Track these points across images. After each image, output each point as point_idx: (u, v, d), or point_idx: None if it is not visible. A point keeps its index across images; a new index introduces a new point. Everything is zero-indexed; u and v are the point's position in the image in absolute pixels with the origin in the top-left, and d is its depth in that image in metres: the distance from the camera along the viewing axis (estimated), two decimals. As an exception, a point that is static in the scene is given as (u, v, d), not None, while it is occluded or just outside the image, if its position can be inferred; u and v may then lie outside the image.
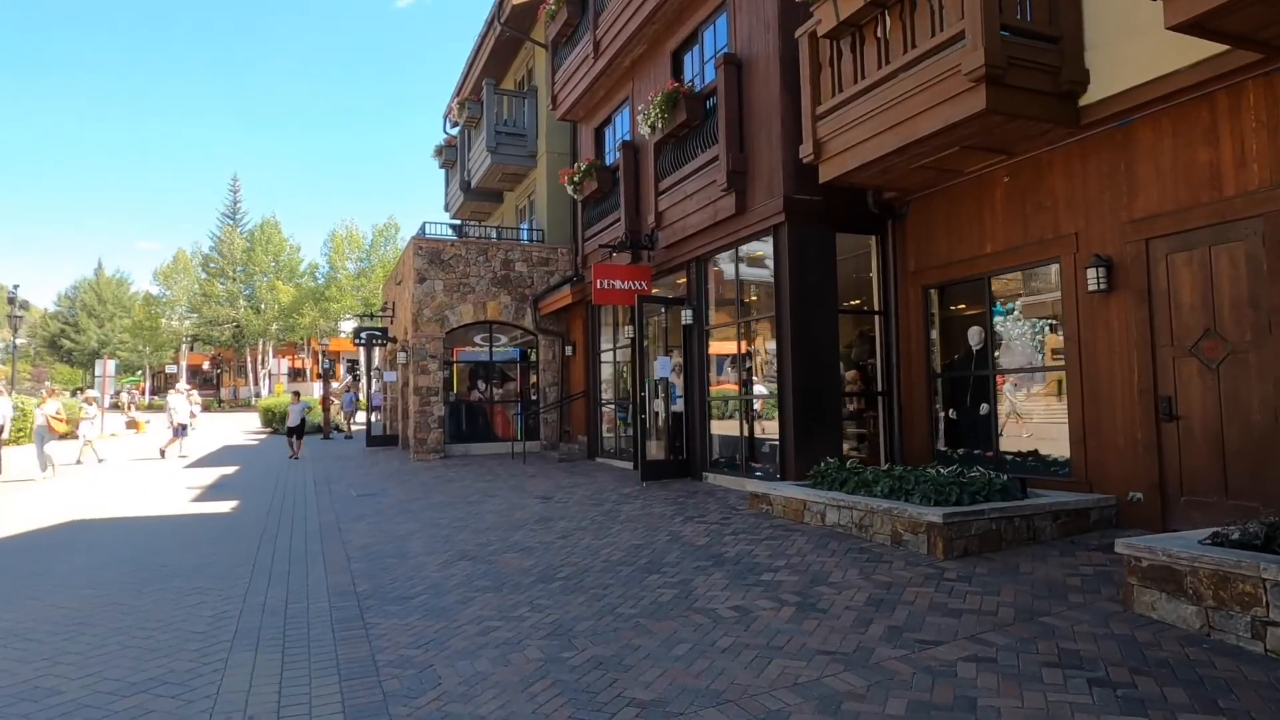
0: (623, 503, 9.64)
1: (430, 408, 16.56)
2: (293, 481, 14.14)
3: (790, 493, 7.99)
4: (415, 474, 14.18)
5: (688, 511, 8.77)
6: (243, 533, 9.20)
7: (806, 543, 6.90)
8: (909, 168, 8.05)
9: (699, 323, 11.10)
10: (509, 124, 18.77)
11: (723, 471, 10.64)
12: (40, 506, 11.72)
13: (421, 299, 16.56)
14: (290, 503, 11.52)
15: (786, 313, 9.07)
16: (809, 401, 9.02)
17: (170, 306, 61.92)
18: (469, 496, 11.08)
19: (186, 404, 20.42)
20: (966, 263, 8.49)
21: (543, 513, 9.31)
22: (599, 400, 15.07)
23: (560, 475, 12.89)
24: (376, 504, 10.91)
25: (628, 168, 12.90)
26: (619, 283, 11.98)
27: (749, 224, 9.67)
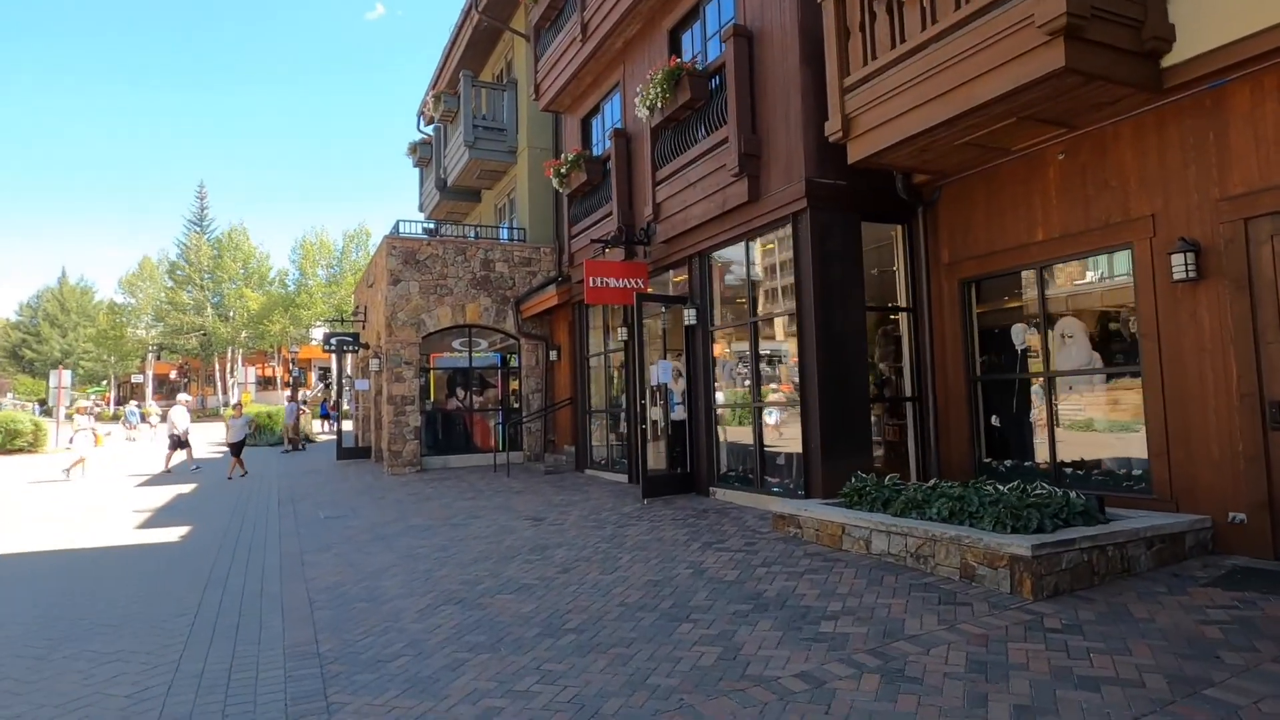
0: (626, 524, 8.57)
1: (405, 417, 15.38)
2: (254, 501, 12.90)
3: (825, 515, 6.97)
4: (390, 490, 12.99)
5: (703, 535, 7.72)
6: (190, 569, 8.00)
7: (856, 577, 5.88)
8: (952, 145, 7.09)
9: (703, 323, 10.07)
10: (488, 118, 17.66)
11: (733, 486, 9.61)
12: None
13: (396, 302, 15.39)
14: (249, 528, 10.30)
15: (810, 310, 8.06)
16: (835, 409, 8.02)
17: (135, 315, 59.93)
18: (451, 517, 9.94)
19: (186, 416, 19.07)
20: (1012, 252, 7.55)
21: (536, 538, 8.22)
22: (588, 408, 13.99)
23: (549, 490, 11.78)
24: (346, 528, 9.74)
25: (620, 157, 11.86)
26: (613, 280, 10.93)
27: (763, 212, 8.67)
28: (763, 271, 9.45)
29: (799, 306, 8.24)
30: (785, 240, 8.84)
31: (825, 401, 7.97)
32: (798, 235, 8.25)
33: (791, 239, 8.32)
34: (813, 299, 8.03)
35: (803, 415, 8.19)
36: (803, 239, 8.17)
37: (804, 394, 8.18)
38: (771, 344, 9.38)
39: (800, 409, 8.23)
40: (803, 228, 8.17)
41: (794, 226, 8.29)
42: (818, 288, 8.03)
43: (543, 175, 16.74)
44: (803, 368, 8.21)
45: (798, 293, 8.26)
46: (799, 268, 8.24)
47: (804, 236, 8.15)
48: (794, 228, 8.29)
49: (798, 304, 8.25)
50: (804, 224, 8.15)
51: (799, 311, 8.24)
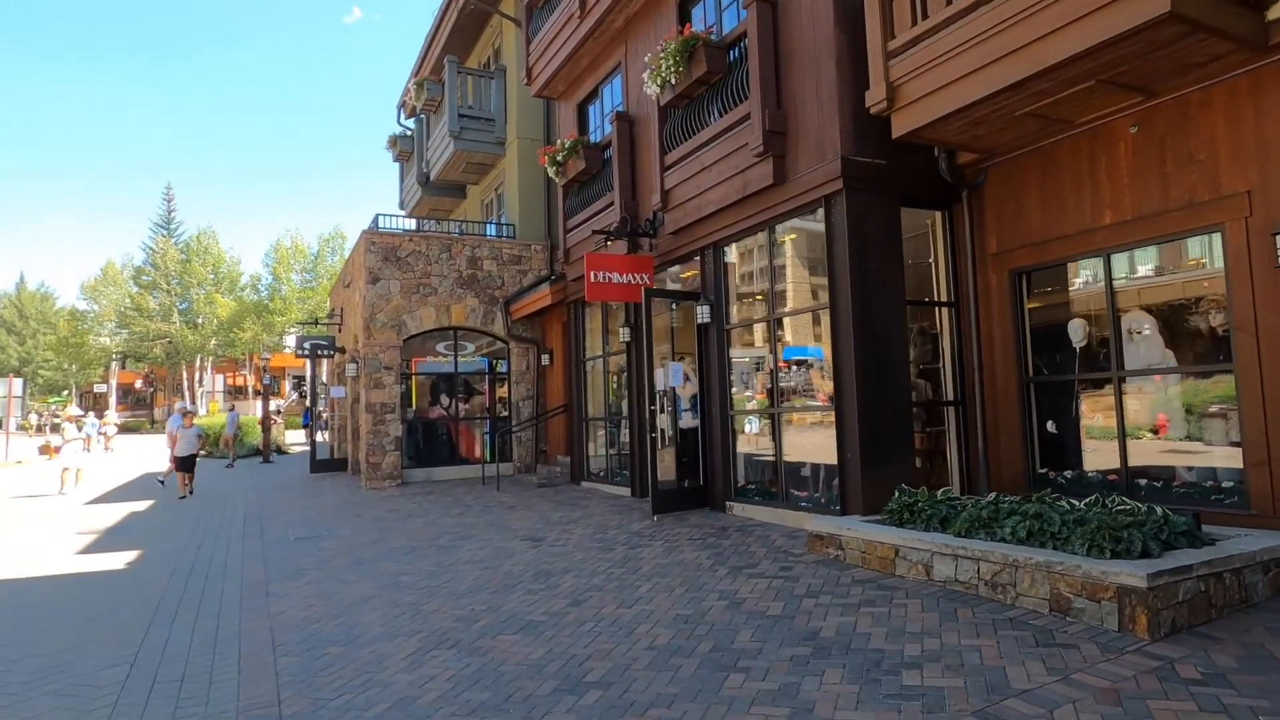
0: (637, 545, 7.63)
1: (385, 427, 14.32)
2: (216, 519, 11.80)
3: (874, 535, 6.08)
4: (368, 506, 11.94)
5: (728, 557, 6.80)
6: (134, 603, 6.95)
7: (924, 610, 4.99)
8: (1013, 115, 6.26)
9: (718, 321, 9.17)
10: (474, 107, 16.70)
11: (753, 500, 8.70)
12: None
13: (375, 302, 14.35)
14: (208, 551, 9.23)
15: (845, 304, 7.19)
16: (875, 415, 7.15)
17: (98, 322, 58.05)
18: (438, 538, 8.95)
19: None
20: (1073, 239, 6.73)
21: (538, 562, 7.25)
22: (584, 416, 13.03)
23: (545, 505, 10.81)
24: (320, 550, 8.71)
25: (622, 142, 10.96)
26: (617, 276, 10.01)
27: (790, 196, 7.80)
28: (788, 263, 8.58)
29: (833, 301, 7.36)
30: (815, 227, 7.99)
31: (864, 406, 7.10)
32: (831, 220, 7.38)
33: (824, 225, 7.45)
34: (849, 292, 7.16)
35: (838, 422, 7.31)
36: (837, 225, 7.30)
37: (839, 398, 7.30)
38: (797, 343, 8.50)
39: (835, 415, 7.34)
40: (837, 212, 7.31)
41: (826, 211, 7.42)
42: (855, 279, 7.16)
43: (533, 168, 15.85)
44: (838, 369, 7.33)
45: (831, 286, 7.39)
46: (832, 257, 7.37)
47: (838, 222, 7.28)
48: (826, 212, 7.42)
49: (831, 298, 7.38)
50: (838, 208, 7.28)
51: (833, 307, 7.37)
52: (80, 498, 15.49)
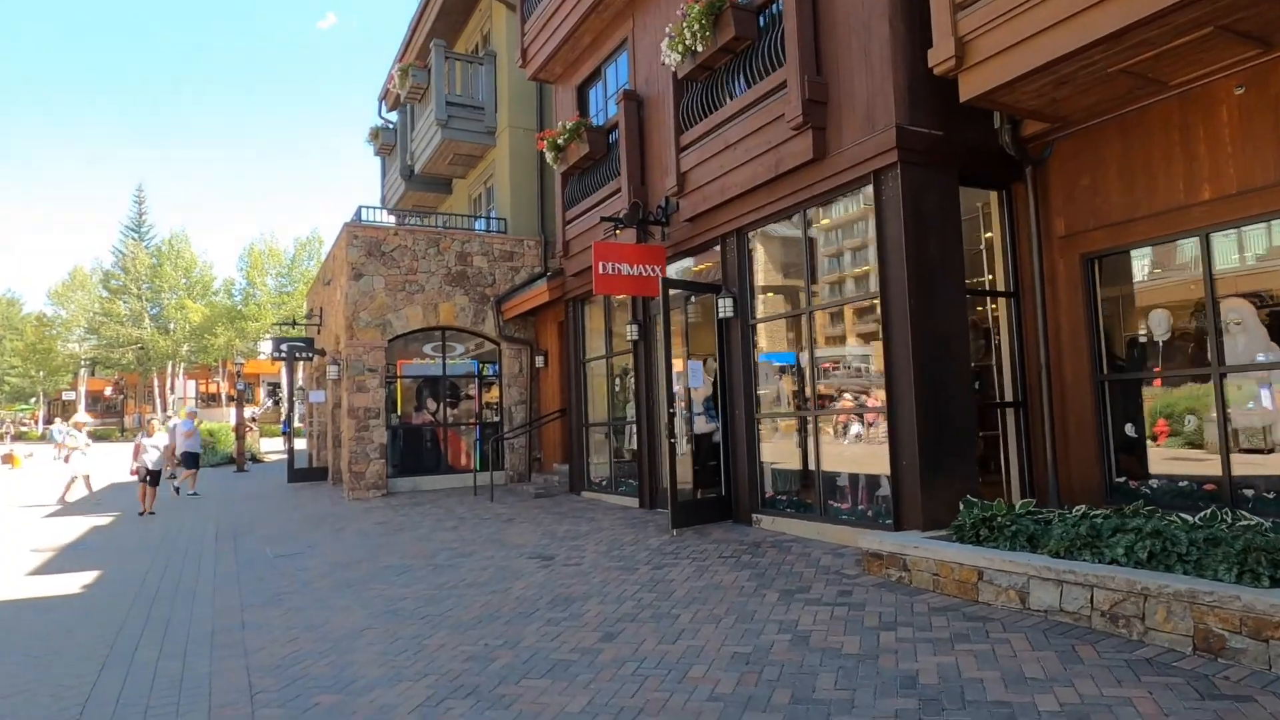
0: (662, 564, 6.77)
1: (369, 433, 13.34)
2: (186, 534, 10.78)
3: (950, 554, 5.27)
4: (352, 519, 10.98)
5: (772, 579, 5.95)
6: (88, 635, 5.98)
7: (1033, 648, 4.17)
8: (1105, 73, 5.49)
9: (742, 315, 8.35)
10: (463, 95, 15.80)
11: (783, 513, 7.87)
12: None
13: (358, 300, 13.39)
14: (176, 571, 8.24)
15: (900, 294, 6.39)
16: (935, 417, 6.34)
17: (66, 328, 56.25)
18: (433, 555, 8.02)
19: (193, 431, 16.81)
20: (1163, 218, 5.97)
21: (553, 585, 6.36)
22: (585, 421, 12.15)
23: (547, 518, 9.91)
24: (302, 570, 7.75)
25: (630, 123, 10.12)
26: (626, 267, 9.15)
27: (832, 173, 6.99)
28: (827, 250, 7.78)
29: (884, 290, 6.56)
30: (861, 208, 7.21)
31: (923, 408, 6.29)
32: (882, 199, 6.58)
33: (874, 205, 6.65)
34: (904, 281, 6.36)
35: (891, 426, 6.49)
36: (890, 204, 6.51)
37: (892, 399, 6.49)
38: (836, 338, 7.70)
39: (888, 417, 6.52)
40: (889, 190, 6.51)
41: (876, 189, 6.62)
42: (912, 265, 6.36)
43: (526, 159, 15.01)
44: (890, 367, 6.52)
45: (882, 273, 6.58)
46: (884, 241, 6.57)
47: (891, 201, 6.49)
48: (876, 190, 6.62)
49: (883, 287, 6.57)
50: (891, 185, 6.49)
51: (884, 297, 6.56)
52: (39, 511, 14.35)
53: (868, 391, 7.24)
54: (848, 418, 7.48)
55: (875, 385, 7.08)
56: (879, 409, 6.82)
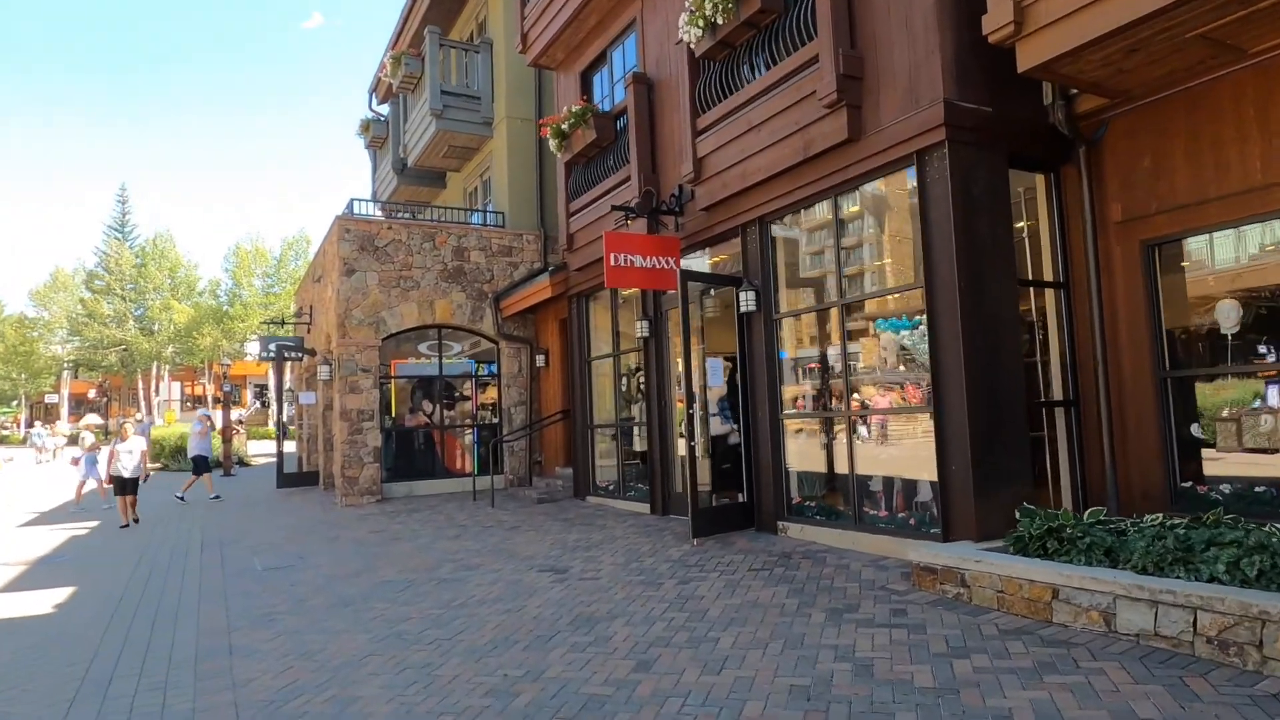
0: (688, 578, 6.24)
1: (363, 436, 12.75)
2: (169, 544, 10.16)
3: (1018, 569, 4.76)
4: (346, 527, 10.39)
5: (814, 596, 5.43)
6: (59, 662, 5.40)
7: (1135, 680, 3.66)
8: (1183, 38, 5.00)
9: (765, 309, 7.83)
10: (459, 84, 15.22)
11: (813, 520, 7.36)
12: None
13: (350, 296, 12.79)
14: (157, 586, 7.64)
15: (950, 283, 5.89)
16: (987, 417, 5.84)
17: (48, 329, 55.19)
18: (436, 567, 7.46)
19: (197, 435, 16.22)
20: (1239, 199, 5.49)
21: (572, 603, 5.81)
22: (590, 422, 11.60)
23: (554, 526, 9.36)
24: (294, 585, 7.18)
25: (640, 108, 9.60)
26: (640, 259, 8.62)
27: (869, 154, 6.48)
28: (860, 238, 7.27)
29: (930, 279, 6.05)
30: (898, 193, 6.71)
31: (975, 407, 5.78)
32: (926, 181, 6.07)
33: (917, 188, 6.14)
34: (953, 269, 5.85)
35: (938, 426, 5.99)
36: (936, 186, 6.00)
37: (940, 397, 5.98)
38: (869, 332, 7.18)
39: (934, 418, 6.02)
40: (935, 170, 6.00)
41: (920, 170, 6.11)
42: (962, 253, 5.85)
43: (524, 150, 14.47)
44: (937, 363, 6.01)
45: (928, 261, 6.07)
46: (929, 226, 6.06)
47: (937, 183, 5.98)
48: (920, 172, 6.11)
49: (928, 276, 6.06)
50: (937, 166, 5.98)
51: (930, 286, 6.05)
52: (12, 520, 13.68)
53: (907, 389, 6.73)
54: (885, 418, 6.97)
55: (916, 382, 6.58)
56: (923, 408, 6.32)
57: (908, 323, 7.14)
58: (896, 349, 6.96)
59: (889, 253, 7.06)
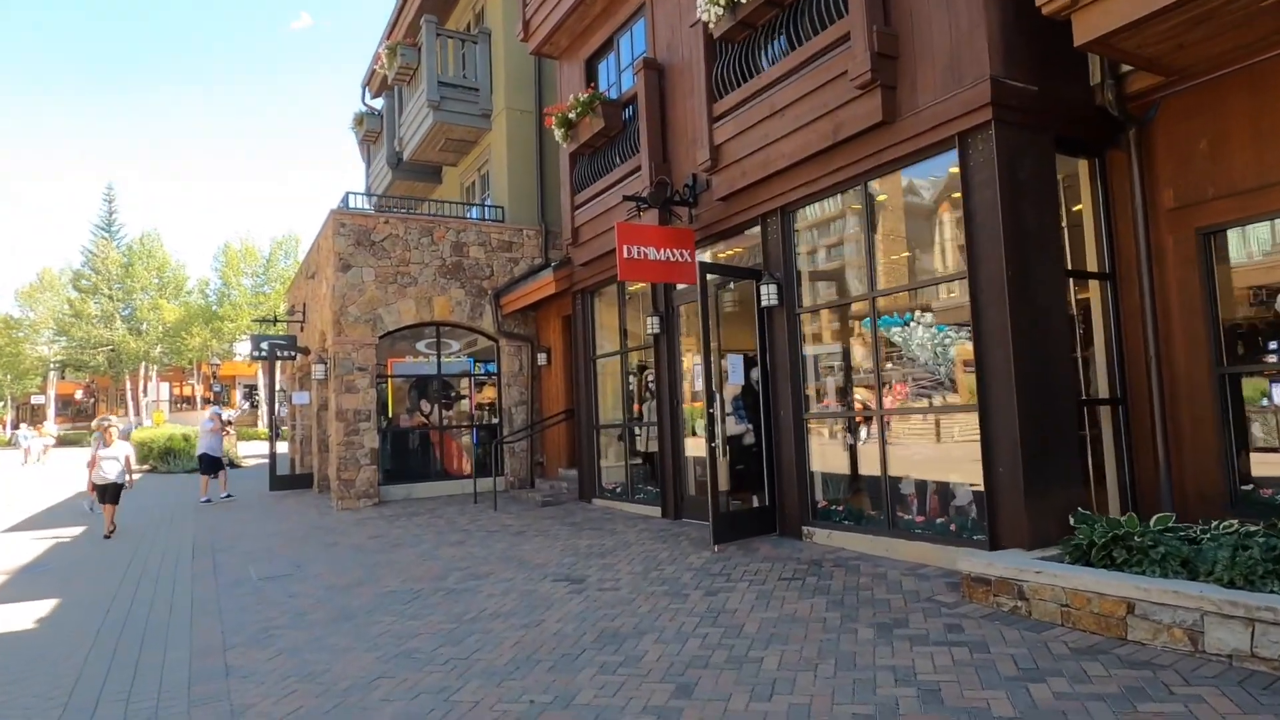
0: (716, 588, 5.84)
1: (359, 437, 12.30)
2: (159, 551, 9.70)
3: (1086, 581, 4.38)
4: (343, 532, 9.95)
5: (856, 609, 5.05)
6: (39, 685, 4.96)
7: (1243, 711, 3.29)
8: (1256, 8, 4.64)
9: (788, 303, 7.45)
10: (456, 75, 14.78)
11: (840, 525, 6.98)
12: None
13: (346, 293, 12.35)
14: (146, 597, 7.20)
15: (998, 272, 5.52)
16: (1037, 416, 5.48)
17: (34, 329, 54.32)
18: (442, 576, 7.05)
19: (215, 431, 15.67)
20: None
21: (592, 616, 5.41)
22: (595, 423, 11.20)
23: (562, 530, 8.95)
24: (291, 597, 6.75)
25: (651, 95, 9.21)
26: (653, 251, 8.23)
27: (905, 137, 6.11)
28: (893, 227, 6.89)
29: (974, 270, 5.68)
30: (935, 179, 6.35)
31: (1025, 405, 5.41)
32: (970, 166, 5.70)
33: (960, 173, 5.77)
34: (1001, 259, 5.48)
35: (984, 425, 5.62)
36: (980, 170, 5.63)
37: (985, 395, 5.61)
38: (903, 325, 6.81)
39: (979, 416, 5.65)
40: (979, 154, 5.63)
41: (962, 154, 5.74)
42: (1010, 241, 5.49)
43: (524, 143, 14.06)
44: (982, 357, 5.64)
45: (971, 251, 5.70)
46: (973, 214, 5.69)
47: (982, 166, 5.61)
48: (962, 155, 5.74)
49: (972, 266, 5.69)
50: (982, 148, 5.60)
51: (974, 277, 5.68)
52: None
53: (944, 385, 6.36)
54: (921, 418, 6.59)
55: (954, 378, 6.21)
56: (966, 406, 5.94)
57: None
58: (931, 344, 6.59)
59: (924, 243, 6.69)
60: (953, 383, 6.27)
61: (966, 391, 6.01)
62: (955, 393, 6.22)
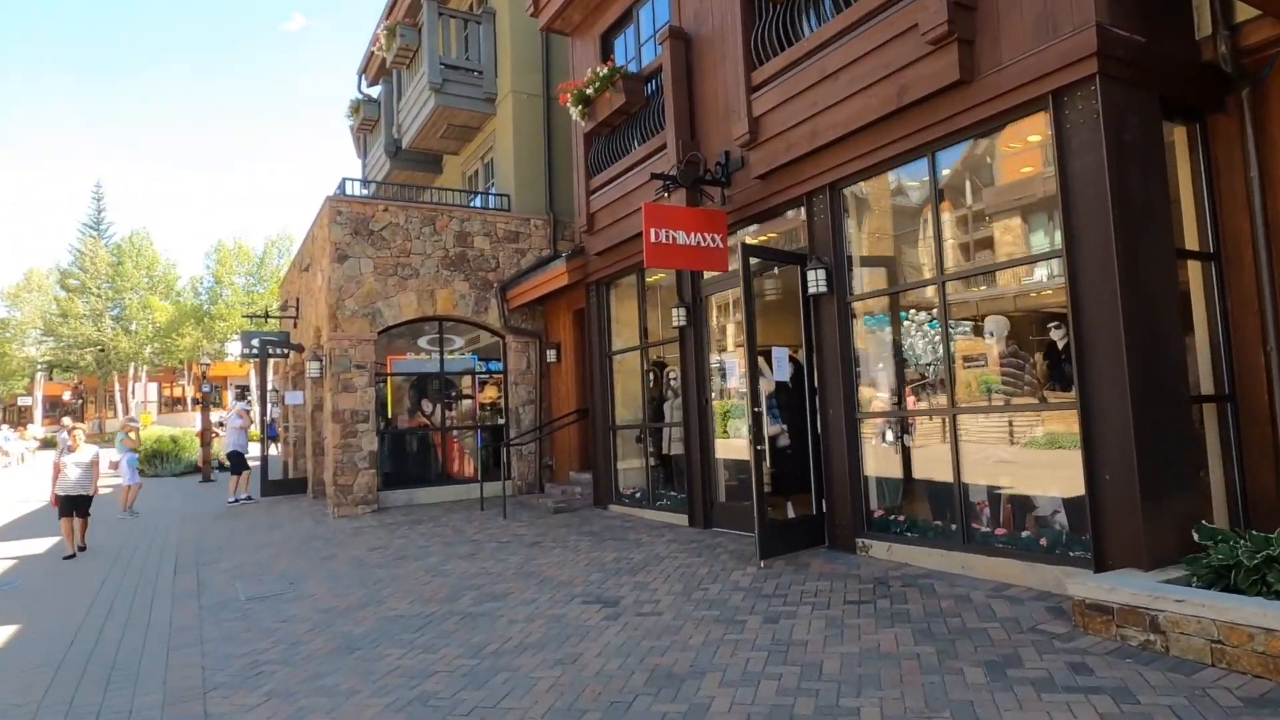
0: (774, 613, 5.08)
1: (357, 439, 11.50)
2: (138, 564, 8.89)
3: (1247, 614, 3.63)
4: (341, 543, 9.16)
5: (950, 642, 4.30)
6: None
7: None
8: None
9: (838, 290, 6.70)
10: (459, 58, 14.00)
11: (902, 538, 6.22)
12: None
13: (343, 285, 11.55)
14: (119, 621, 6.40)
15: (1104, 249, 4.78)
16: (1152, 414, 4.73)
17: (21, 330, 53.28)
18: (455, 598, 6.26)
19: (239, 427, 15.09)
20: None
21: (637, 649, 4.64)
22: (612, 423, 10.44)
23: (582, 541, 8.18)
24: (284, 622, 5.96)
25: (677, 66, 8.45)
26: (683, 235, 7.47)
27: (987, 97, 5.36)
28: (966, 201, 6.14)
29: (1073, 248, 4.94)
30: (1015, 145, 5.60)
31: (1138, 402, 4.67)
32: (1066, 128, 4.96)
33: (1054, 138, 5.02)
34: (1108, 234, 4.74)
35: (1085, 427, 4.87)
36: (1081, 133, 4.88)
37: (1088, 389, 4.87)
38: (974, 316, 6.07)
39: (1080, 416, 4.90)
40: (1080, 114, 4.88)
41: (1057, 114, 5.00)
42: (1117, 213, 4.74)
43: (531, 128, 13.29)
44: (1085, 347, 4.90)
45: (1068, 226, 4.96)
46: (1070, 183, 4.95)
47: (1085, 128, 4.86)
48: (1058, 117, 5.00)
49: (1069, 244, 4.95)
50: (1083, 108, 4.86)
51: (1073, 256, 4.94)
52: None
53: (1025, 379, 5.62)
54: (995, 417, 5.84)
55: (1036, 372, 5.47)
56: (1059, 404, 5.20)
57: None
58: (1004, 334, 5.85)
59: (1002, 220, 5.95)
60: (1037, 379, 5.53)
61: (1058, 387, 5.27)
62: (1036, 388, 5.47)
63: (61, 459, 9.73)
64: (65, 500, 9.62)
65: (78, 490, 9.64)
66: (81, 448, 9.81)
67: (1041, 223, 5.67)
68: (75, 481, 9.61)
